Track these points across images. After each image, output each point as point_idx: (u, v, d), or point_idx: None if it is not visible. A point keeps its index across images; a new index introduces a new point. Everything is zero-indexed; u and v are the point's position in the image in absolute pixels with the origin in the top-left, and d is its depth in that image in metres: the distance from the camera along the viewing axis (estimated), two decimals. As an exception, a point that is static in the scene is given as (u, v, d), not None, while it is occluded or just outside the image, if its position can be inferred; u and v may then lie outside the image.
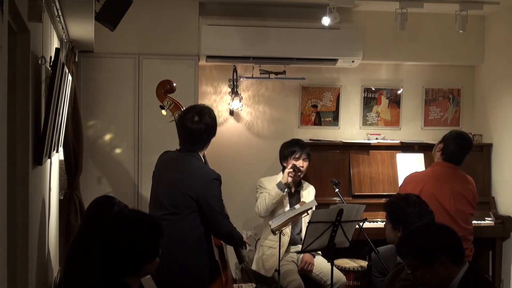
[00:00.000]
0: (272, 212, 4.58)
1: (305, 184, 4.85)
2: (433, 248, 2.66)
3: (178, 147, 3.68)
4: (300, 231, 4.67)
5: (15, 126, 2.60)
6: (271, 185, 4.64)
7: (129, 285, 2.46)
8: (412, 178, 4.50)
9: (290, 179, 4.59)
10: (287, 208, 4.57)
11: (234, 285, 3.94)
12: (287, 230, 4.52)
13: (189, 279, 3.43)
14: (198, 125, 3.48)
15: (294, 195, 4.74)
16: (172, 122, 4.00)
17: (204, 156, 3.68)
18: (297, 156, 4.67)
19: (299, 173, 4.65)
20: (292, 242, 4.67)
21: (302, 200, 4.60)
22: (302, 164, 4.67)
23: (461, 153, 4.43)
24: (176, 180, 3.48)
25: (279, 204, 4.60)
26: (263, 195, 4.63)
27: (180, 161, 3.54)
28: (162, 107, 4.00)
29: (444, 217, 4.16)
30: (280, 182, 4.59)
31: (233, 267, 4.24)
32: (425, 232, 2.79)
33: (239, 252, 3.96)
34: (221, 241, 3.74)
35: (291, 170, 4.58)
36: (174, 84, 4.02)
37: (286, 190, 4.62)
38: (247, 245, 3.94)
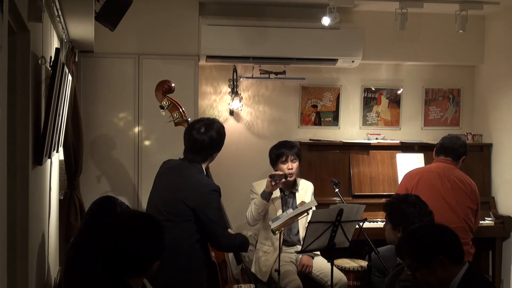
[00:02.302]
0: (264, 217, 4.48)
1: (301, 182, 4.70)
2: (432, 249, 2.65)
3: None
4: (298, 232, 4.64)
5: (15, 126, 2.60)
6: (262, 189, 4.46)
7: (131, 287, 2.45)
8: (410, 173, 4.64)
9: (273, 188, 4.35)
10: (280, 212, 4.44)
11: (235, 285, 3.94)
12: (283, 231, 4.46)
13: (185, 285, 3.43)
14: (203, 136, 3.47)
15: (289, 197, 4.63)
16: (171, 122, 4.01)
17: (207, 169, 3.65)
18: (283, 159, 4.51)
19: (285, 179, 4.36)
20: (289, 244, 4.63)
21: (298, 201, 4.55)
22: (290, 166, 4.51)
23: (449, 144, 4.56)
24: (175, 187, 3.46)
25: (271, 209, 4.48)
26: (252, 201, 4.50)
27: (181, 169, 3.52)
28: (161, 107, 4.00)
29: (442, 205, 4.24)
30: (264, 191, 4.39)
31: (232, 267, 4.23)
32: (424, 233, 2.78)
33: (237, 253, 3.95)
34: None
35: (270, 179, 4.32)
36: (173, 84, 4.01)
37: (277, 193, 4.49)
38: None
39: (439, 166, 4.53)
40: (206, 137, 3.47)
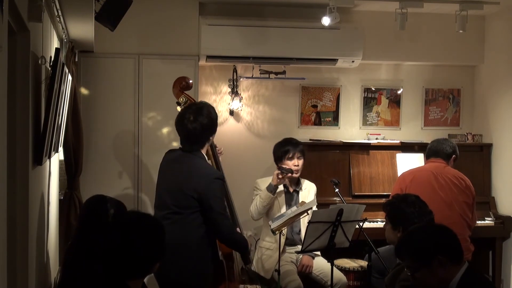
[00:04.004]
0: (268, 213, 4.52)
1: (305, 183, 4.75)
2: (431, 249, 2.65)
3: (178, 147, 3.68)
4: (300, 231, 4.65)
5: (15, 126, 2.60)
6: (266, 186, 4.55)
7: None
8: (402, 174, 4.70)
9: (279, 181, 4.44)
10: (284, 209, 4.49)
11: (240, 285, 3.93)
12: (283, 231, 4.49)
13: (191, 279, 3.42)
14: (193, 124, 3.46)
15: (292, 195, 4.66)
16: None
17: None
18: (290, 155, 4.54)
19: (291, 174, 4.48)
20: (291, 242, 4.64)
21: (300, 200, 4.56)
22: (296, 163, 4.55)
23: (437, 146, 4.66)
24: (178, 179, 3.47)
25: (275, 205, 4.53)
26: (257, 197, 4.56)
27: (183, 160, 3.53)
28: (178, 104, 3.97)
29: (437, 202, 4.27)
30: (270, 184, 4.46)
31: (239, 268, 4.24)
32: (422, 234, 2.78)
33: (245, 254, 3.95)
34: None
35: (278, 172, 4.43)
36: (191, 81, 4.00)
37: (281, 190, 4.54)
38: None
39: (431, 165, 4.59)
40: (197, 125, 3.46)
